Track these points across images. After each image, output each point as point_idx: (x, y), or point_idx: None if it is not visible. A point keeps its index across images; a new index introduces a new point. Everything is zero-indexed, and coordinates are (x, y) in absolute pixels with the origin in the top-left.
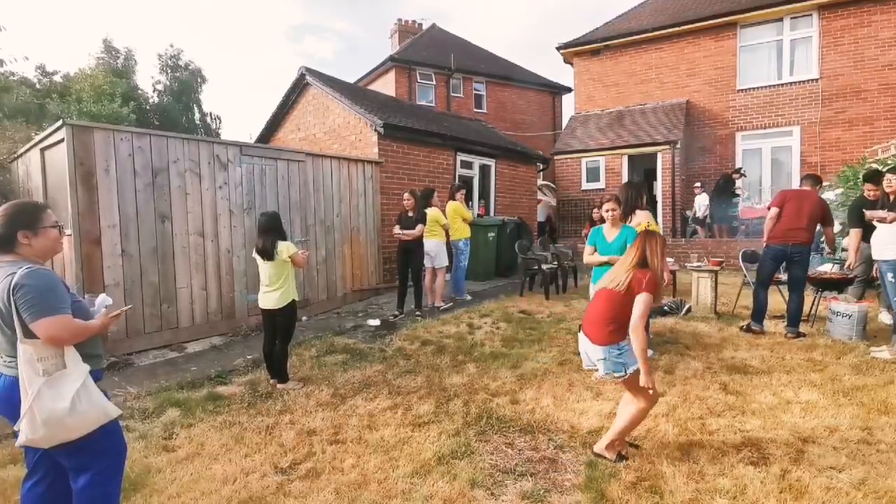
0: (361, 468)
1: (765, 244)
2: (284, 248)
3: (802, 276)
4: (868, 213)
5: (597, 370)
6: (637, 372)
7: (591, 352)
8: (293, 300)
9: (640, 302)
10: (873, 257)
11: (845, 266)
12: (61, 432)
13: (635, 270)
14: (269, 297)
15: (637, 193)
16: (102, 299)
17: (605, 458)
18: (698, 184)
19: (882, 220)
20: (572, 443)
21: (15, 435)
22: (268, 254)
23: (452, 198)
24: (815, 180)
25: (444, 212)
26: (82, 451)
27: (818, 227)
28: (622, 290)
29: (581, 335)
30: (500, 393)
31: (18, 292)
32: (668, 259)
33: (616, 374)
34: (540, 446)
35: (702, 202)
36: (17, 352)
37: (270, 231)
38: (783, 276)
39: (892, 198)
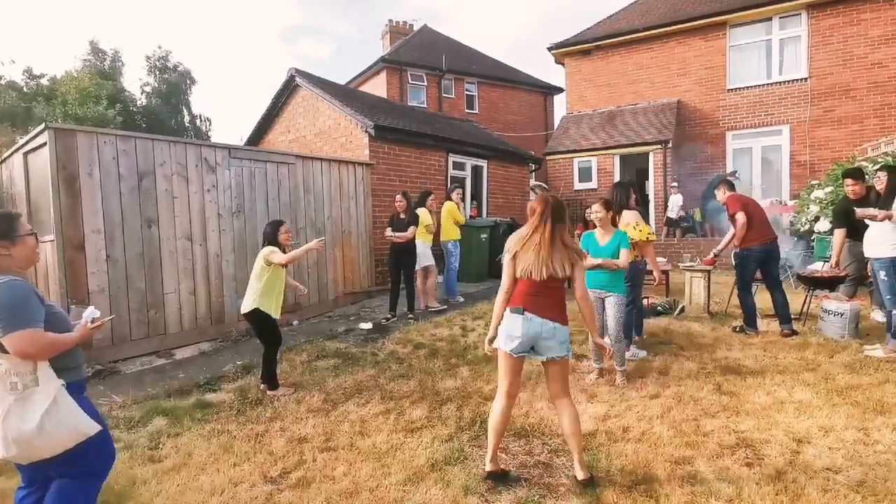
0: (353, 476)
1: (740, 248)
2: (261, 252)
3: (778, 273)
4: (859, 212)
5: (543, 357)
6: None
7: (559, 334)
8: (256, 309)
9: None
10: (865, 255)
11: (830, 264)
12: (32, 452)
13: None
14: (244, 301)
15: (625, 194)
16: (90, 312)
17: None
18: (674, 183)
19: (872, 219)
20: (567, 447)
21: None
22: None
23: (449, 198)
24: (731, 183)
25: (439, 212)
26: (65, 465)
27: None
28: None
29: (534, 318)
30: (493, 396)
31: None
32: (661, 259)
33: (568, 355)
34: (534, 451)
35: (676, 202)
36: None
37: (265, 236)
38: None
39: (882, 195)
